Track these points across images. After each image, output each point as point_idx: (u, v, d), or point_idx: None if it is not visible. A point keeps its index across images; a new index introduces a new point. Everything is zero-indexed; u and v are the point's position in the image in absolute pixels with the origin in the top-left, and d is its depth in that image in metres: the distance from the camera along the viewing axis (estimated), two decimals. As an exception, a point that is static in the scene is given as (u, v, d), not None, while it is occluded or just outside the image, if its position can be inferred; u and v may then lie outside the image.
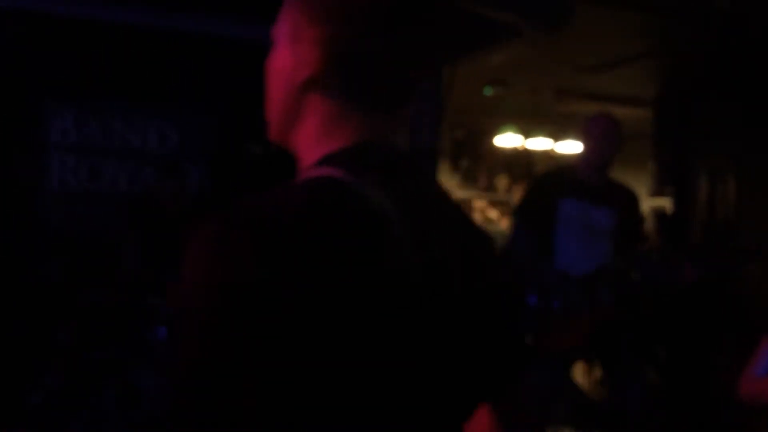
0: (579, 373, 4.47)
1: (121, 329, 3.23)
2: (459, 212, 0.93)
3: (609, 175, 3.07)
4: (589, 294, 2.89)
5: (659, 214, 6.17)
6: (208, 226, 0.72)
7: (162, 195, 3.73)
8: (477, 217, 7.85)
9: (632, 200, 3.10)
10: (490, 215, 8.11)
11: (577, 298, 2.87)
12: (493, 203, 8.35)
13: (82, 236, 4.27)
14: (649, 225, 6.36)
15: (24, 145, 4.27)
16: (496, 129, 7.33)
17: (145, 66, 4.43)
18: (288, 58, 0.85)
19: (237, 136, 4.47)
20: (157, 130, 4.71)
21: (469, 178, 8.52)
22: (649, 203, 6.38)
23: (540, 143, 7.33)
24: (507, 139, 7.34)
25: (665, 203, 6.15)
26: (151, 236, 3.58)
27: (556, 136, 7.28)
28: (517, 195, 7.99)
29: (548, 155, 7.68)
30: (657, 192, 6.18)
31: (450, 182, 8.13)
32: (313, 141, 0.85)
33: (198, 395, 0.70)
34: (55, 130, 4.42)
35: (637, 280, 2.97)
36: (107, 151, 4.57)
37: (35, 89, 4.29)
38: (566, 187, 2.99)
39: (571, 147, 7.16)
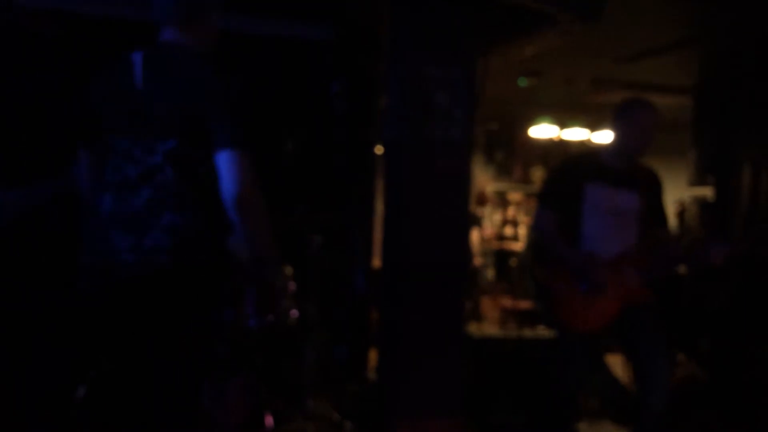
0: (617, 366, 4.43)
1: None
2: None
3: (635, 159, 3.03)
4: (615, 275, 2.89)
5: (703, 204, 6.06)
6: None
7: None
8: (513, 209, 7.79)
9: (656, 182, 3.07)
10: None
11: (604, 279, 2.85)
12: (529, 195, 8.27)
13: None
14: (692, 214, 6.24)
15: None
16: (531, 120, 7.26)
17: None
18: None
19: (264, 131, 4.50)
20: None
21: (503, 171, 8.46)
22: (689, 192, 6.27)
23: (576, 134, 7.24)
24: (542, 130, 7.27)
25: (706, 192, 6.04)
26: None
27: (593, 127, 7.19)
28: (552, 187, 7.89)
29: (584, 146, 7.58)
30: (698, 181, 6.07)
31: (484, 174, 8.08)
32: None
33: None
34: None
35: (660, 262, 2.96)
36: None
37: (77, 89, 4.37)
38: (590, 171, 2.98)
39: (609, 137, 7.05)
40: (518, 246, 6.91)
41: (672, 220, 5.50)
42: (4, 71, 4.19)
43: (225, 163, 1.99)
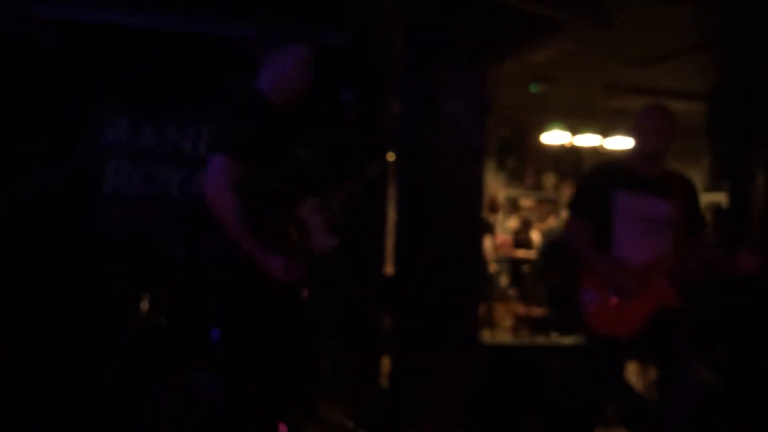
0: (633, 374, 4.39)
1: (176, 331, 3.30)
2: None
3: (664, 165, 3.02)
4: (645, 282, 2.87)
5: (717, 210, 6.01)
6: None
7: None
8: (524, 215, 7.76)
9: (690, 188, 3.06)
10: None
11: (632, 286, 2.84)
12: (541, 202, 8.24)
13: (136, 240, 4.37)
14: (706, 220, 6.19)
15: (80, 152, 4.39)
16: (543, 126, 7.24)
17: (196, 72, 4.52)
18: None
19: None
20: (208, 135, 4.78)
21: (515, 177, 8.43)
22: (704, 198, 6.22)
23: (588, 140, 7.21)
24: (554, 136, 7.25)
25: (721, 198, 5.99)
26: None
27: (605, 132, 7.16)
28: (564, 193, 7.86)
29: (597, 152, 7.55)
30: (712, 187, 6.03)
31: (496, 181, 8.06)
32: None
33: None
34: (109, 137, 4.54)
35: (692, 269, 2.94)
36: (160, 157, 4.67)
37: (90, 97, 4.41)
38: (621, 178, 2.97)
39: (621, 143, 7.02)
40: (530, 253, 6.88)
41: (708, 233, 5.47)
42: (19, 77, 4.24)
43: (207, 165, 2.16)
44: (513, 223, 7.59)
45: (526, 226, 7.40)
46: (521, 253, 6.91)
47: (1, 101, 4.22)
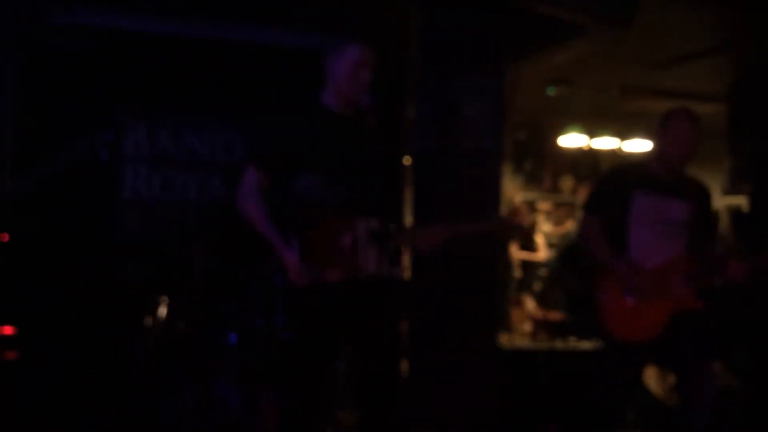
0: (652, 379, 4.35)
1: (194, 336, 3.31)
2: None
3: (683, 170, 3.00)
4: (662, 284, 2.85)
5: (735, 213, 5.95)
6: None
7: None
8: (541, 218, 7.71)
9: (705, 194, 3.04)
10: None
11: (648, 287, 2.82)
12: (558, 205, 8.18)
13: (155, 245, 4.40)
14: (725, 223, 6.13)
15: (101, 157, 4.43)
16: (560, 129, 7.19)
17: (213, 78, 4.54)
18: None
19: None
20: (224, 140, 4.82)
21: (532, 180, 8.38)
22: (724, 201, 6.16)
23: (606, 143, 7.16)
24: (571, 139, 7.20)
25: (741, 201, 5.93)
26: (222, 244, 3.65)
27: (623, 135, 7.10)
28: (582, 196, 7.81)
29: (615, 155, 7.50)
30: (732, 190, 5.96)
31: (513, 184, 8.02)
32: None
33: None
34: (129, 143, 4.58)
35: (708, 272, 2.92)
36: (178, 162, 4.71)
37: (110, 103, 4.46)
38: (638, 179, 2.96)
39: (639, 146, 6.96)
40: (533, 256, 6.81)
41: (726, 236, 5.42)
42: (39, 82, 4.29)
43: None
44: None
45: (531, 228, 7.32)
46: (524, 255, 6.85)
47: (23, 107, 4.27)
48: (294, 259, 2.23)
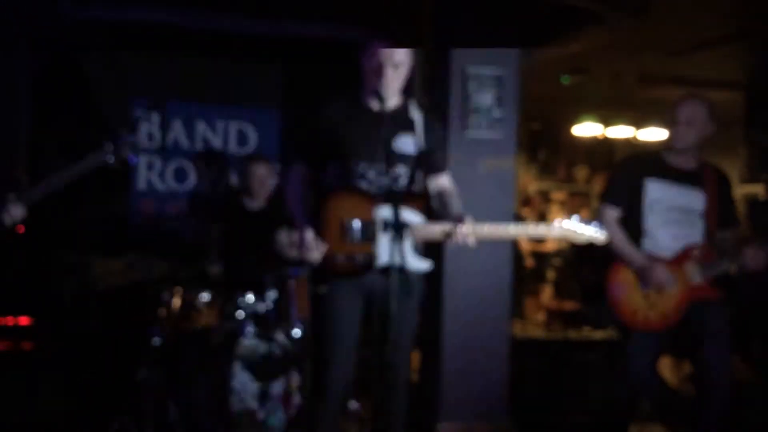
0: (667, 369, 4.32)
1: (206, 327, 3.32)
2: None
3: (699, 157, 2.98)
4: (677, 274, 2.84)
5: (752, 202, 5.88)
6: None
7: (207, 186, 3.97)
8: (556, 209, 7.66)
9: (724, 181, 3.02)
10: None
11: (664, 278, 2.81)
12: (572, 195, 8.13)
13: (168, 235, 4.42)
14: (741, 212, 6.07)
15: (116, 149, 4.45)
16: (575, 118, 7.13)
17: (225, 70, 4.55)
18: None
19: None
20: (237, 131, 4.82)
21: (547, 170, 8.33)
22: (741, 190, 6.09)
23: (621, 131, 7.09)
24: (586, 129, 7.13)
25: (758, 190, 5.87)
26: (234, 234, 3.66)
27: (639, 124, 7.03)
28: (597, 186, 7.75)
29: (630, 144, 7.43)
30: (749, 178, 5.90)
31: (527, 174, 7.98)
32: None
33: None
34: (142, 134, 4.60)
35: (726, 262, 2.89)
36: (190, 153, 4.72)
37: (124, 95, 4.47)
38: (653, 169, 2.95)
39: (655, 134, 6.89)
40: (540, 246, 6.77)
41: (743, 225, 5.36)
42: (54, 76, 4.31)
43: None
44: (526, 213, 7.47)
45: (540, 219, 7.27)
46: (532, 246, 6.81)
47: (39, 100, 4.30)
48: (303, 234, 2.30)
